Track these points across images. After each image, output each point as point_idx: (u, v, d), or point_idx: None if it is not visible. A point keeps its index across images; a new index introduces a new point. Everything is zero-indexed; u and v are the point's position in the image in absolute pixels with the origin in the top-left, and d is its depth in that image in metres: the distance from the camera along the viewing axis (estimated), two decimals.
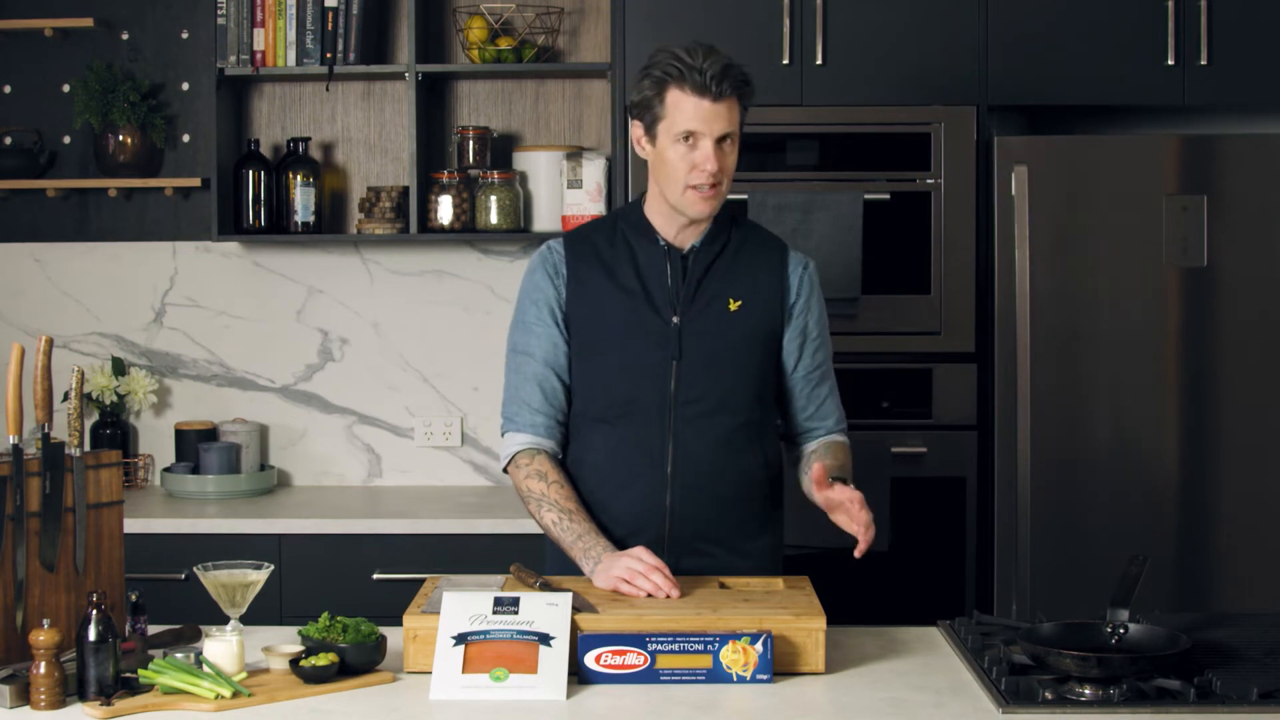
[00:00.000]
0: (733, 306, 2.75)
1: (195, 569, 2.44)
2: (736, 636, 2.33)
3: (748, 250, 2.80)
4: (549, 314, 2.77)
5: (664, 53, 2.68)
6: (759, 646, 2.32)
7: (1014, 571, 3.75)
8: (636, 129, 2.73)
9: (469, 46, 4.23)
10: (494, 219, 4.17)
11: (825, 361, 2.85)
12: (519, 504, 4.02)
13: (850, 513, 2.62)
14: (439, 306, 4.36)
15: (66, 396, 2.61)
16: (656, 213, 2.77)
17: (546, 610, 2.36)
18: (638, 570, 2.54)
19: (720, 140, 2.65)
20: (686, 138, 2.65)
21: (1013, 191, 3.73)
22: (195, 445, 4.20)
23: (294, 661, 2.34)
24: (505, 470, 2.82)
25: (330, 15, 4.14)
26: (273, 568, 2.48)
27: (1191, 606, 3.69)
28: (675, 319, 2.73)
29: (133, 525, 3.00)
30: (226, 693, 2.24)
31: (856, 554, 2.61)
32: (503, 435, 2.83)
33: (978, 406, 3.82)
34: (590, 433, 2.77)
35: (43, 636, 2.20)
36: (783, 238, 3.83)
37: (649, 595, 2.52)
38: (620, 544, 2.69)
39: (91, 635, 2.23)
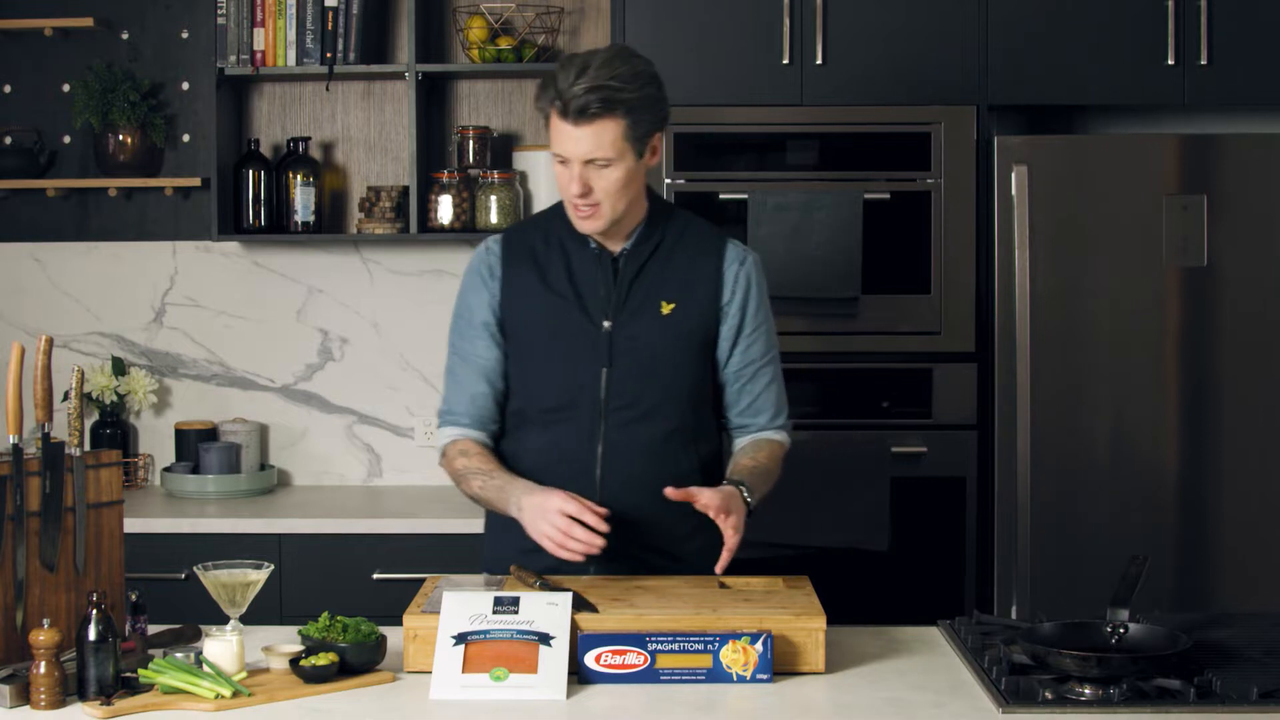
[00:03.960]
0: (665, 309, 2.72)
1: (195, 569, 2.44)
2: (736, 636, 2.33)
3: (681, 249, 2.76)
4: (481, 319, 2.77)
5: (553, 73, 2.64)
6: (759, 646, 2.32)
7: (1014, 571, 3.75)
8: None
9: (469, 46, 4.23)
10: (494, 219, 4.17)
11: (761, 357, 2.80)
12: None
13: (710, 509, 2.57)
14: (439, 306, 4.35)
15: (66, 396, 2.61)
16: None
17: (546, 610, 2.36)
18: (557, 540, 2.54)
19: (592, 163, 2.62)
20: (560, 159, 2.64)
21: (1013, 191, 3.73)
22: (195, 445, 4.20)
23: (294, 661, 2.34)
24: (440, 463, 2.83)
25: (330, 15, 4.14)
26: (273, 567, 2.48)
27: (1191, 606, 3.69)
28: (606, 324, 2.71)
29: (133, 525, 3.00)
30: (226, 692, 2.24)
31: (717, 569, 2.59)
32: (438, 428, 2.85)
33: (978, 406, 3.82)
34: (524, 434, 2.77)
35: (43, 636, 2.20)
36: (783, 238, 3.83)
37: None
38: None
39: (91, 635, 2.23)
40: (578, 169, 2.62)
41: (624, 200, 2.66)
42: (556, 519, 2.55)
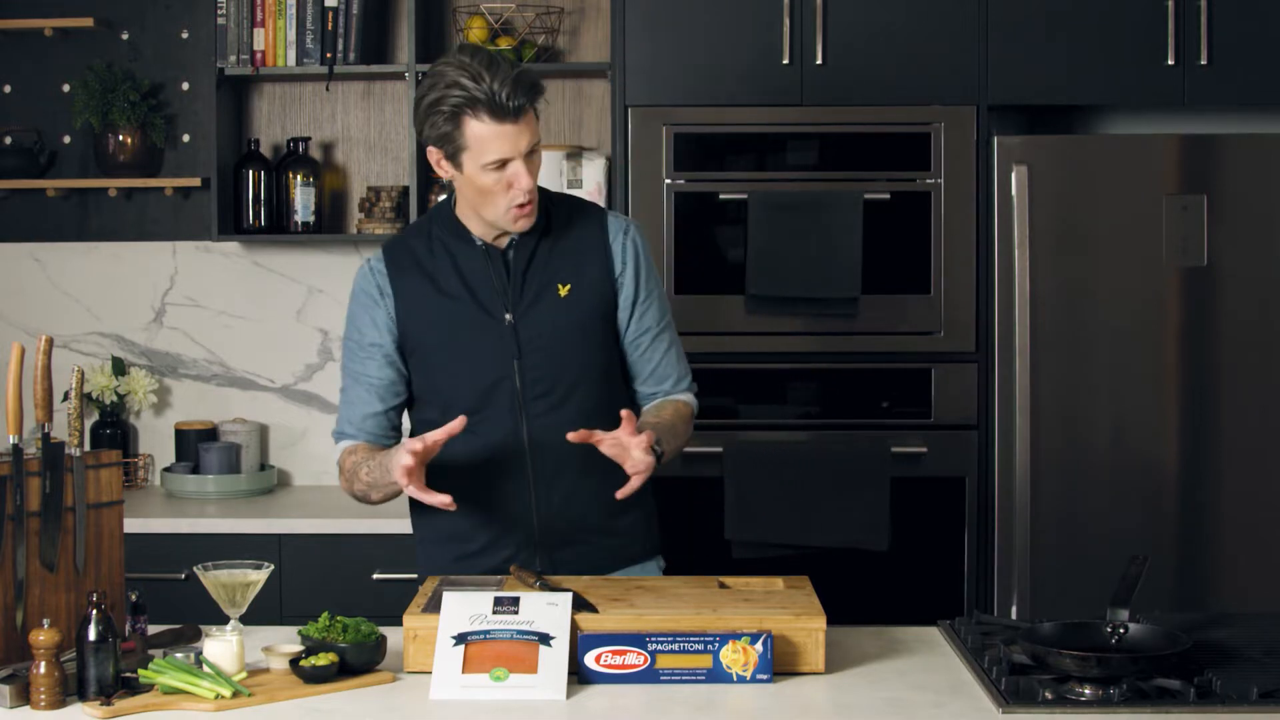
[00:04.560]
0: (562, 292, 2.73)
1: (195, 569, 2.44)
2: (736, 636, 2.33)
3: (566, 230, 2.76)
4: (371, 339, 2.76)
5: (444, 80, 2.59)
6: (759, 646, 2.32)
7: (1014, 571, 3.75)
8: (436, 155, 2.66)
9: None
10: None
11: (657, 323, 2.80)
12: None
13: (621, 444, 2.56)
14: None
15: (66, 396, 2.61)
16: (471, 217, 2.73)
17: (546, 610, 2.36)
18: (402, 465, 2.53)
19: (528, 154, 2.62)
20: (496, 165, 2.60)
21: (1013, 191, 3.73)
22: (195, 445, 4.20)
23: (294, 661, 2.34)
24: (340, 482, 2.83)
25: (330, 15, 4.14)
26: (273, 568, 2.48)
27: (1191, 606, 3.69)
28: (508, 316, 2.71)
29: (133, 525, 3.00)
30: (226, 693, 2.24)
31: (618, 494, 2.59)
32: (336, 449, 2.86)
33: (977, 406, 3.82)
34: (449, 442, 2.70)
35: (43, 636, 2.20)
36: (783, 238, 3.84)
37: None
38: (492, 546, 2.73)
39: (91, 635, 2.23)
40: (521, 165, 2.61)
41: None
42: (404, 454, 2.54)
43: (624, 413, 2.56)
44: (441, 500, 2.53)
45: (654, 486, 2.81)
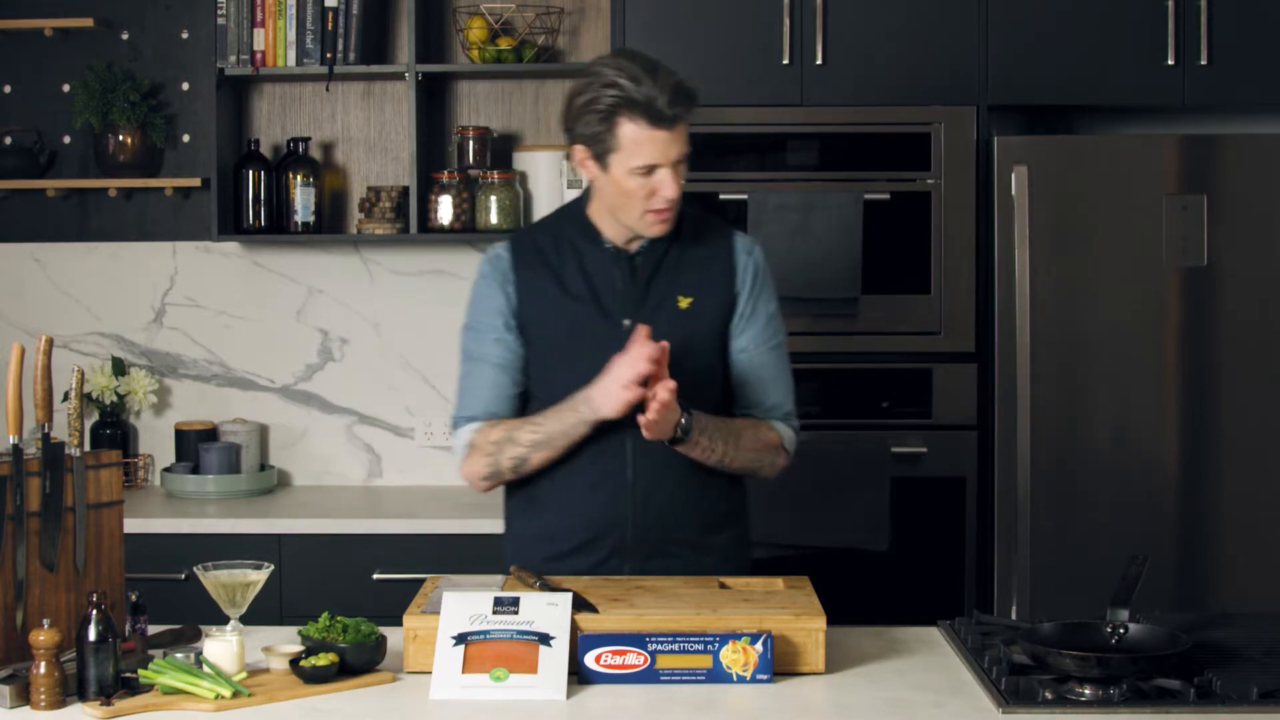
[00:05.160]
0: (683, 304, 2.73)
1: (195, 569, 2.44)
2: (736, 636, 2.33)
3: (694, 244, 2.76)
4: (501, 319, 2.75)
5: (602, 79, 2.61)
6: (759, 646, 2.32)
7: (1014, 571, 3.75)
8: (581, 154, 2.67)
9: (469, 46, 4.24)
10: (494, 219, 4.17)
11: (767, 344, 2.77)
12: None
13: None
14: (439, 306, 4.35)
15: (66, 396, 2.61)
16: (604, 218, 2.73)
17: (546, 610, 2.36)
18: (636, 371, 2.51)
19: (676, 163, 2.63)
20: (645, 170, 2.61)
21: (1013, 191, 3.73)
22: (195, 445, 4.20)
23: (294, 661, 2.34)
24: (461, 473, 2.78)
25: (330, 15, 4.14)
26: (273, 568, 2.48)
27: (1191, 606, 3.69)
28: (626, 322, 2.70)
29: (133, 525, 3.00)
30: (226, 693, 2.24)
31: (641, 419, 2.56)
32: (453, 435, 2.80)
33: (978, 406, 3.82)
34: None
35: (43, 636, 2.20)
36: (783, 238, 3.84)
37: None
38: (584, 549, 2.71)
39: (91, 635, 2.23)
40: (670, 173, 2.62)
41: None
42: (622, 392, 2.52)
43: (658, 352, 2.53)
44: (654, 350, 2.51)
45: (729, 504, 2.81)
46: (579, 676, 2.33)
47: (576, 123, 2.64)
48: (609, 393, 2.57)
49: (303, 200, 4.22)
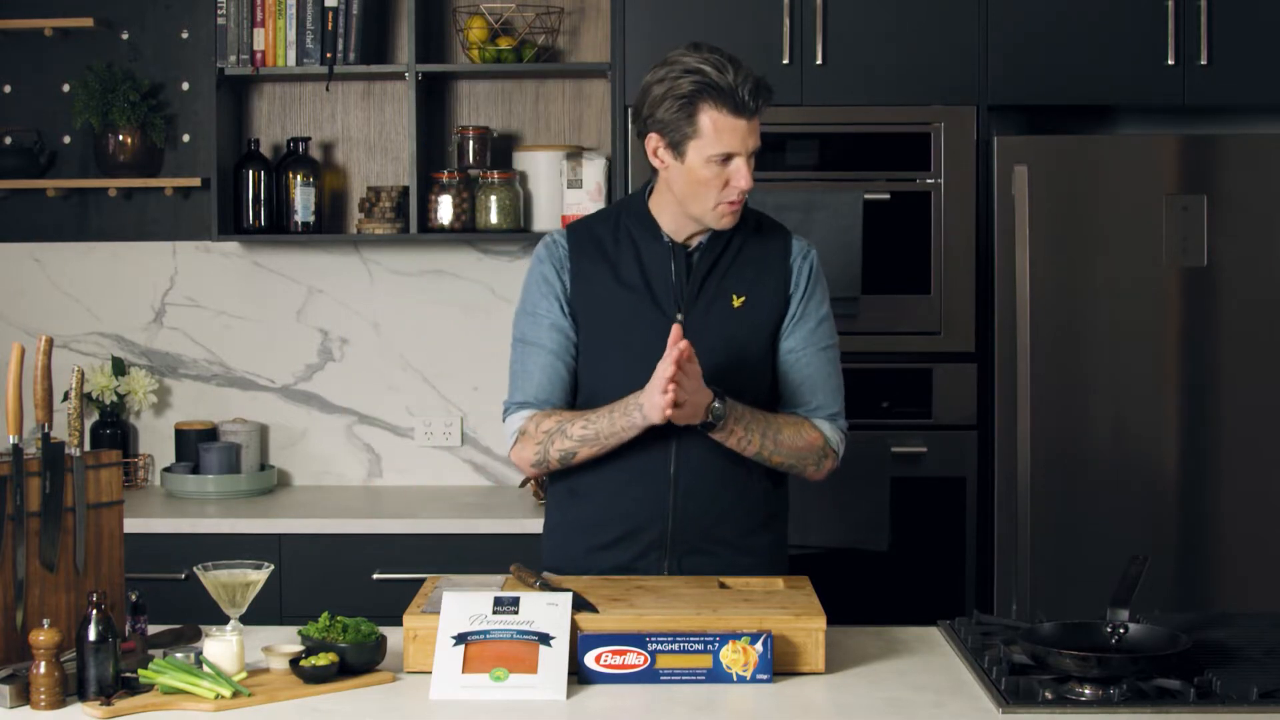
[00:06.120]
0: (736, 303, 2.73)
1: (195, 569, 2.44)
2: (736, 636, 2.33)
3: (751, 244, 2.77)
4: (557, 305, 2.75)
5: (680, 67, 2.62)
6: (759, 646, 2.32)
7: (1014, 571, 3.75)
8: (656, 142, 2.67)
9: (469, 46, 4.24)
10: (494, 219, 4.17)
11: (816, 345, 2.77)
12: (519, 504, 4.04)
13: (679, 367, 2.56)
14: (439, 306, 4.36)
15: (66, 396, 2.61)
16: (665, 212, 2.74)
17: (546, 610, 2.36)
18: (664, 379, 2.52)
19: (751, 155, 2.65)
20: (722, 158, 2.63)
21: (1013, 191, 3.73)
22: (195, 445, 4.20)
23: (294, 661, 2.34)
24: (510, 455, 2.77)
25: (330, 15, 4.14)
26: (273, 568, 2.48)
27: (1191, 606, 3.69)
28: (679, 316, 2.71)
29: (133, 525, 3.00)
30: (226, 693, 2.24)
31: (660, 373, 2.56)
32: (505, 419, 2.79)
33: (978, 406, 3.82)
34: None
35: (43, 636, 2.20)
36: None
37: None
38: (624, 542, 2.71)
39: (91, 635, 2.23)
40: (745, 164, 2.64)
41: None
42: (660, 396, 2.53)
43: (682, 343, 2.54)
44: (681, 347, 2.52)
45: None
46: (579, 676, 2.33)
47: (656, 109, 2.65)
48: (651, 398, 2.57)
49: (303, 200, 4.22)
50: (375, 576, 3.80)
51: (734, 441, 2.67)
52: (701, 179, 2.64)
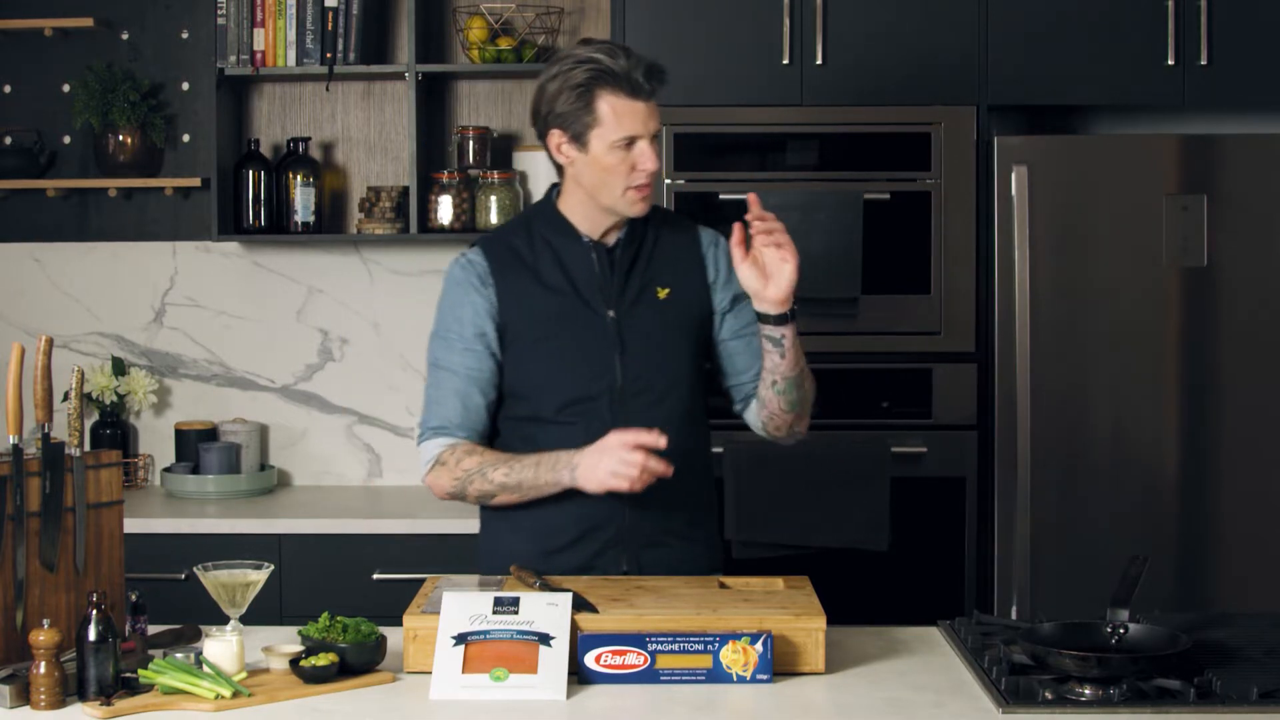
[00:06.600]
0: (661, 294, 2.76)
1: (195, 569, 2.44)
2: (736, 636, 2.33)
3: (664, 237, 2.80)
4: (472, 329, 2.73)
5: (572, 59, 2.65)
6: (759, 646, 2.33)
7: (1014, 571, 3.75)
8: (558, 138, 2.69)
9: (469, 46, 4.24)
10: (494, 219, 4.17)
11: (753, 322, 2.79)
12: None
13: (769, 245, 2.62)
14: None
15: (66, 396, 2.61)
16: (577, 211, 2.75)
17: (546, 610, 2.36)
18: (630, 475, 2.53)
19: (653, 137, 2.67)
20: (625, 143, 2.64)
21: (1013, 191, 3.73)
22: (195, 445, 4.20)
23: (294, 661, 2.34)
24: (424, 481, 2.76)
25: (330, 15, 4.14)
26: (273, 568, 2.48)
27: (1191, 606, 3.69)
28: (610, 313, 2.72)
29: (133, 525, 3.00)
30: (226, 693, 2.24)
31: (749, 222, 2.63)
32: (419, 446, 2.78)
33: (978, 406, 3.82)
34: (540, 436, 2.73)
35: (43, 636, 2.20)
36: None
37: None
38: (580, 542, 2.71)
39: (91, 635, 2.23)
40: (649, 146, 2.65)
41: None
42: (628, 454, 2.54)
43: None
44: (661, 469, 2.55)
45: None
46: (579, 676, 2.33)
47: (554, 103, 2.67)
48: (599, 463, 2.57)
49: (303, 200, 4.22)
50: (375, 576, 3.80)
51: (795, 345, 2.71)
52: (608, 166, 2.66)
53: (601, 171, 2.67)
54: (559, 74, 2.66)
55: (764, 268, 2.64)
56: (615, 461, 2.55)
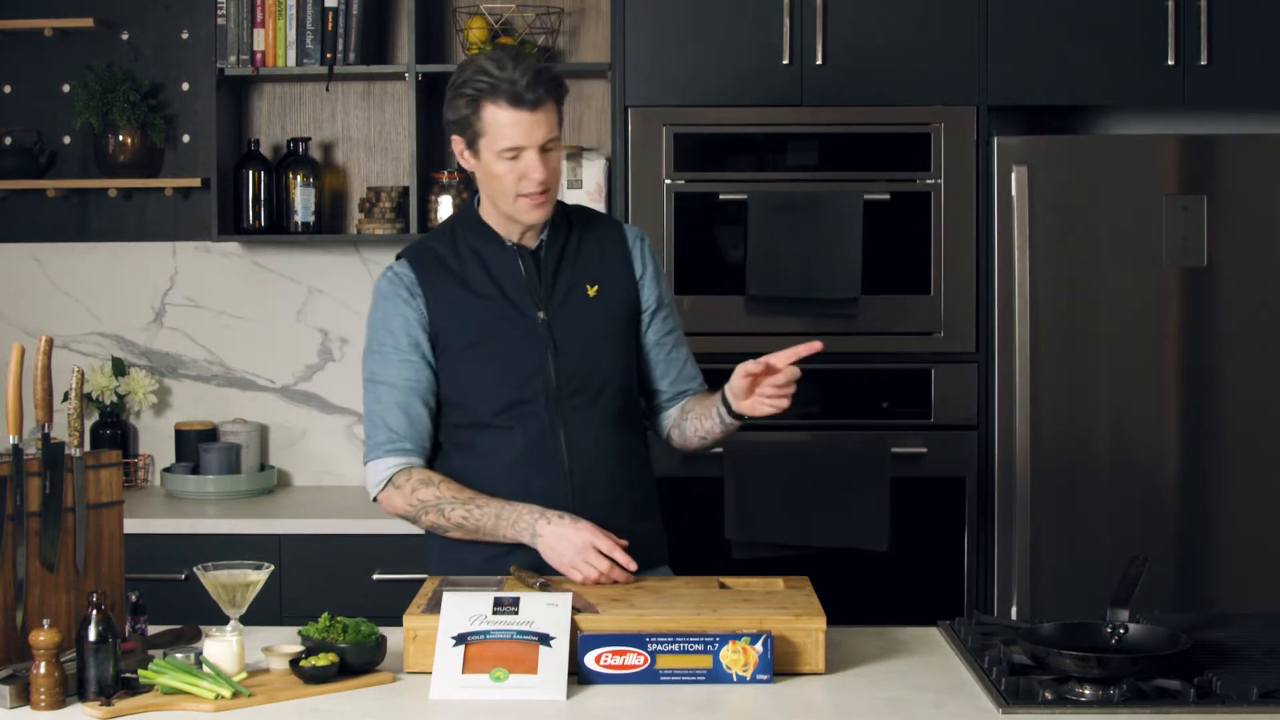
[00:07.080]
0: (591, 292, 2.77)
1: (195, 569, 2.44)
2: (736, 636, 2.33)
3: (588, 236, 2.82)
4: (406, 340, 2.73)
5: (472, 67, 2.66)
6: (759, 646, 2.32)
7: (1014, 571, 3.75)
8: (458, 144, 2.71)
9: (469, 47, 4.23)
10: None
11: (676, 328, 2.88)
12: None
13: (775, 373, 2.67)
14: None
15: (66, 396, 2.61)
16: (494, 217, 2.76)
17: (546, 610, 2.36)
18: (590, 576, 2.58)
19: (543, 148, 2.66)
20: (511, 153, 2.64)
21: (1013, 191, 3.73)
22: (195, 445, 4.20)
23: (294, 661, 2.34)
24: (375, 499, 2.76)
25: (330, 15, 4.14)
26: (273, 568, 2.48)
27: (1191, 606, 3.70)
28: (541, 314, 2.73)
29: (133, 525, 3.00)
30: (226, 693, 2.24)
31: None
32: (366, 464, 2.77)
33: (977, 406, 3.82)
34: (480, 441, 2.74)
35: (43, 636, 2.20)
36: (783, 238, 3.85)
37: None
38: (525, 545, 2.69)
39: (91, 635, 2.23)
40: (536, 156, 2.65)
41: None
42: (595, 559, 2.59)
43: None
44: (626, 562, 2.61)
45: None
46: (579, 677, 2.33)
47: (450, 110, 2.70)
48: (564, 552, 2.60)
49: (303, 200, 4.22)
50: (375, 576, 3.80)
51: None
52: (496, 174, 2.67)
53: (492, 179, 2.69)
54: (455, 82, 2.68)
55: (756, 390, 2.68)
56: (579, 560, 2.59)
